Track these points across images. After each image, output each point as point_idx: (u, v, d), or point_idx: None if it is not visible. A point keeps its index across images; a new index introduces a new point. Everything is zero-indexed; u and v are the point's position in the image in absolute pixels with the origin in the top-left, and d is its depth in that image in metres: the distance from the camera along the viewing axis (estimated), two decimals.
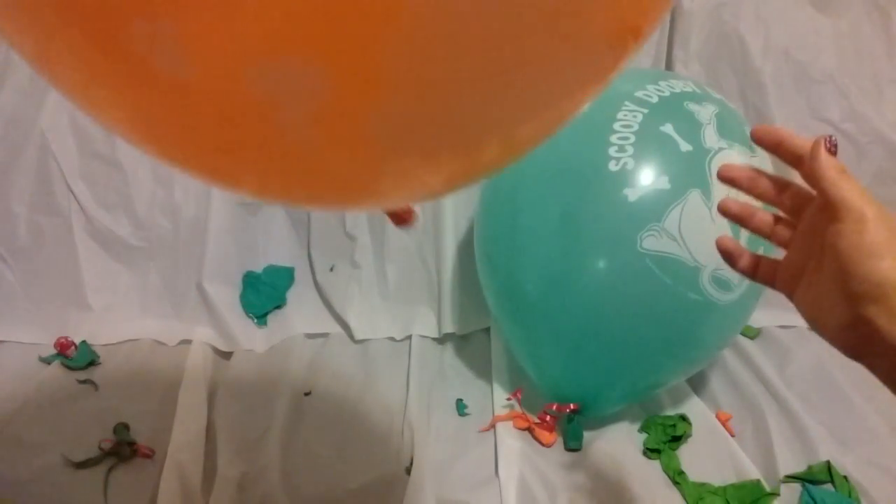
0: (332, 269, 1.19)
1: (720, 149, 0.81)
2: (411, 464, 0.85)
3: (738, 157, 0.83)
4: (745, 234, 0.80)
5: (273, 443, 0.89)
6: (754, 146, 0.86)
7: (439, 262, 1.15)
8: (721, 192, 0.79)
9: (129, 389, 0.99)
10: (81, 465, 0.84)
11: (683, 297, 0.79)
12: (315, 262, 1.20)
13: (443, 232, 1.14)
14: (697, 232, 0.78)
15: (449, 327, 1.14)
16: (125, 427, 0.90)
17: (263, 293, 1.18)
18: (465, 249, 1.15)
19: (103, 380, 1.01)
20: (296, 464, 0.86)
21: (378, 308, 1.17)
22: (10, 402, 0.94)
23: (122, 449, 0.86)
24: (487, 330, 1.15)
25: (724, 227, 0.78)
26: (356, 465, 0.86)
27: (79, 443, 0.87)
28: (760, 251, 0.83)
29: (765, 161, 0.86)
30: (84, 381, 1.00)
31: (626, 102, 0.83)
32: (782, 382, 1.00)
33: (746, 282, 0.83)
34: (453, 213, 1.14)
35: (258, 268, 1.20)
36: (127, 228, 1.13)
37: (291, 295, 1.20)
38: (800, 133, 1.28)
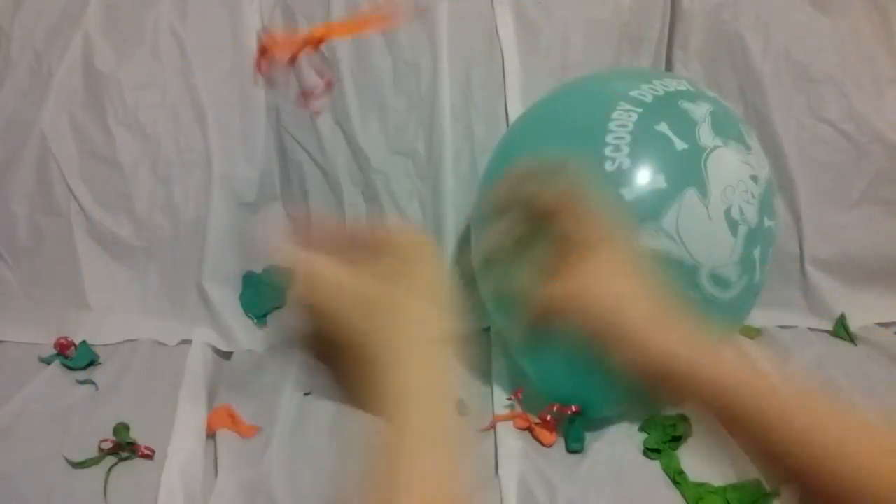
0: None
1: (715, 146, 0.81)
2: None
3: (733, 154, 0.82)
4: (742, 232, 0.80)
5: (273, 443, 0.89)
6: (750, 144, 0.86)
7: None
8: (717, 189, 0.79)
9: (128, 389, 0.99)
10: (81, 465, 0.84)
11: (682, 296, 0.79)
12: None
13: (443, 232, 1.14)
14: (695, 230, 0.78)
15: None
16: (125, 427, 0.90)
17: (263, 293, 1.18)
18: (466, 249, 1.15)
19: (103, 380, 1.01)
20: (296, 463, 0.86)
21: None
22: (10, 402, 0.94)
23: (122, 449, 0.86)
24: (487, 330, 1.15)
25: (721, 226, 0.78)
26: (357, 465, 0.86)
27: (79, 443, 0.87)
28: (756, 251, 0.83)
29: (760, 158, 0.86)
30: (84, 381, 1.00)
31: (621, 102, 0.83)
32: None
33: (745, 279, 0.82)
34: (453, 212, 1.14)
35: (258, 268, 1.20)
36: (127, 228, 1.12)
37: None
38: (799, 133, 1.27)
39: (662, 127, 0.81)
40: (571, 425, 0.89)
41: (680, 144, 0.80)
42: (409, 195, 1.16)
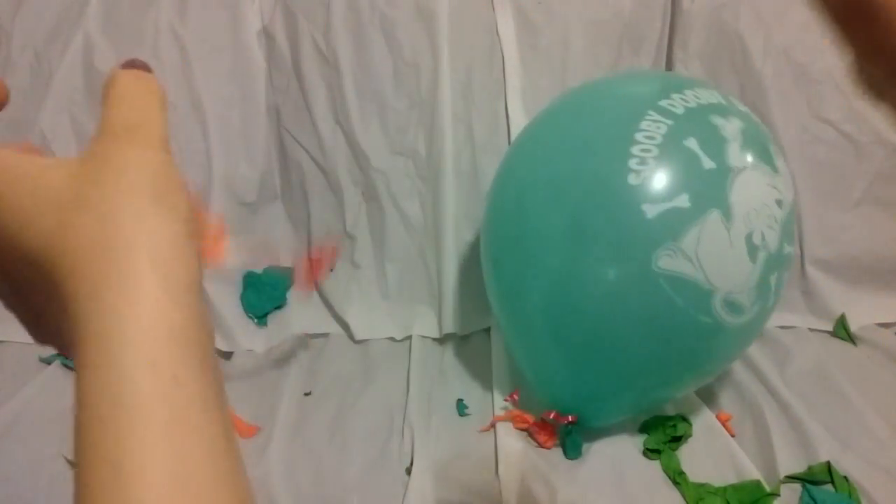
0: (332, 270, 1.19)
1: (743, 168, 0.78)
2: (411, 464, 0.85)
3: (760, 176, 0.79)
4: (761, 258, 0.79)
5: (273, 443, 0.89)
6: (777, 165, 0.83)
7: (439, 262, 1.15)
8: (741, 213, 0.76)
9: None
10: None
11: (694, 320, 0.77)
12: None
13: (443, 232, 1.14)
14: (714, 254, 0.75)
15: (449, 327, 1.14)
16: None
17: (263, 293, 1.18)
18: (465, 249, 1.15)
19: None
20: (296, 464, 0.86)
21: (378, 308, 1.17)
22: (10, 402, 0.94)
23: None
24: (487, 330, 1.15)
25: (741, 251, 0.76)
26: (356, 465, 0.86)
27: None
28: (773, 277, 0.81)
29: (786, 181, 0.84)
30: None
31: (650, 112, 0.79)
32: (782, 382, 0.99)
33: (759, 305, 0.80)
34: (454, 213, 1.14)
35: (258, 268, 1.20)
36: None
37: (291, 295, 1.20)
38: (799, 135, 1.26)
39: (691, 143, 0.77)
40: (568, 437, 0.88)
41: (708, 163, 0.76)
42: (409, 195, 1.16)
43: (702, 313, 0.77)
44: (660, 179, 0.76)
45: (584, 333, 0.82)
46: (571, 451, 0.88)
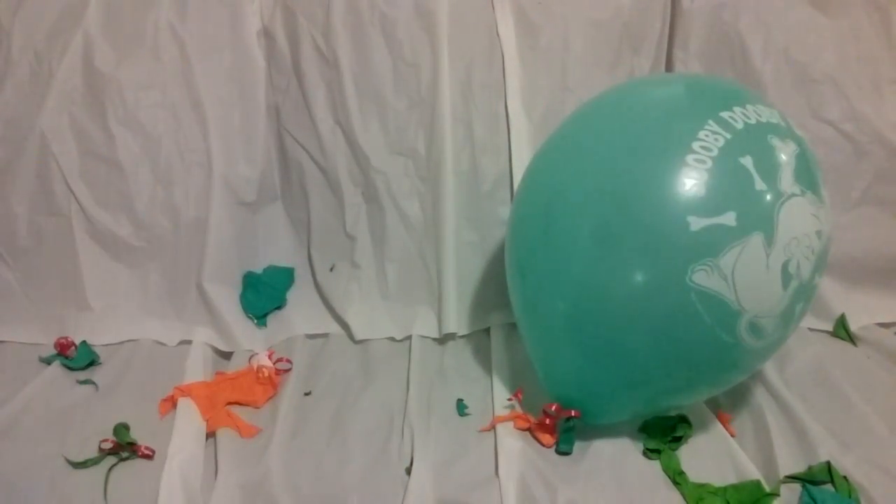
0: (332, 269, 1.19)
1: (792, 195, 0.77)
2: (411, 464, 0.85)
3: (807, 206, 0.79)
4: (792, 287, 0.79)
5: (273, 443, 0.89)
6: (823, 195, 0.83)
7: (439, 262, 1.15)
8: (783, 240, 0.76)
9: (129, 389, 0.99)
10: (81, 465, 0.84)
11: (716, 337, 0.77)
12: (315, 263, 1.20)
13: (443, 232, 1.14)
14: (749, 277, 0.75)
15: (449, 327, 1.14)
16: (125, 427, 0.90)
17: (263, 293, 1.18)
18: (465, 249, 1.15)
19: (103, 380, 1.01)
20: (296, 464, 0.86)
21: (378, 308, 1.17)
22: (10, 402, 0.94)
23: (122, 449, 0.86)
24: (487, 330, 1.15)
25: (776, 278, 0.76)
26: (356, 466, 0.86)
27: (79, 443, 0.87)
28: (799, 306, 0.82)
29: (828, 213, 0.84)
30: (84, 381, 1.00)
31: (710, 122, 0.77)
32: (782, 382, 0.99)
33: (780, 331, 0.81)
34: (454, 212, 1.14)
35: (258, 268, 1.20)
36: (127, 228, 1.13)
37: (291, 295, 1.20)
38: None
39: (747, 161, 0.75)
40: (567, 432, 0.88)
41: (760, 184, 0.75)
42: (409, 195, 1.16)
43: (725, 332, 0.77)
44: (710, 193, 0.74)
45: (604, 339, 0.82)
46: (564, 443, 0.87)
